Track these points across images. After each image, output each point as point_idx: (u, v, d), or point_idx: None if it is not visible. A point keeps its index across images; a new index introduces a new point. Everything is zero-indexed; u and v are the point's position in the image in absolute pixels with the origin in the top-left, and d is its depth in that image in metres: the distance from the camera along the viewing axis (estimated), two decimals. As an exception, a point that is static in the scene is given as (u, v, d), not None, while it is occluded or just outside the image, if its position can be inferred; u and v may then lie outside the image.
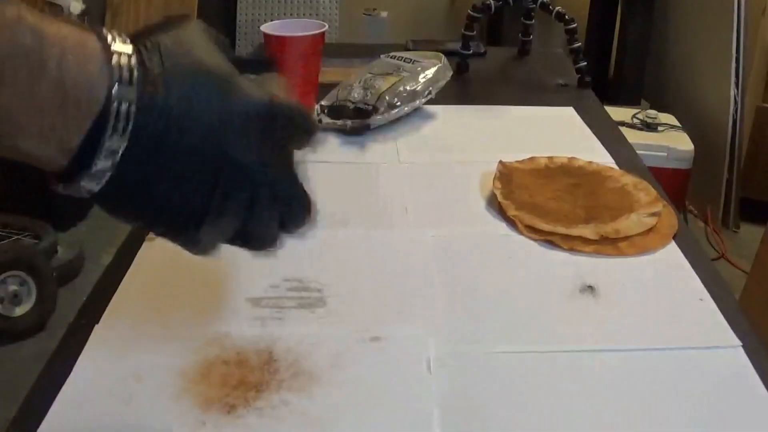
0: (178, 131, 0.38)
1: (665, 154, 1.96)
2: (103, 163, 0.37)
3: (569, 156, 0.91)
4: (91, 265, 2.08)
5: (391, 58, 1.09)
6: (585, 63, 1.23)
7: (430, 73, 1.05)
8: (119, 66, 0.37)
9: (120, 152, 0.37)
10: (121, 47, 0.37)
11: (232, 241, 0.44)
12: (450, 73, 1.08)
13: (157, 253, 0.70)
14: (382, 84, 1.01)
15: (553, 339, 0.61)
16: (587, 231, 0.74)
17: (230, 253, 0.46)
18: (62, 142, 0.36)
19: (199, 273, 0.67)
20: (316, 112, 1.02)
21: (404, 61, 1.07)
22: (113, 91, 0.36)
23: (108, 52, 0.37)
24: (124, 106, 0.37)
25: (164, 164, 0.38)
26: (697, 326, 0.63)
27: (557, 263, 0.71)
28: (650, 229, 0.76)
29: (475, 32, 1.26)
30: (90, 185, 0.38)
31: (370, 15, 2.74)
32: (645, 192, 0.82)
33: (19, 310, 1.80)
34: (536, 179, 0.86)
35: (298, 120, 0.44)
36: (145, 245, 0.71)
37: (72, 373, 0.55)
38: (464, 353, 0.59)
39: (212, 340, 0.59)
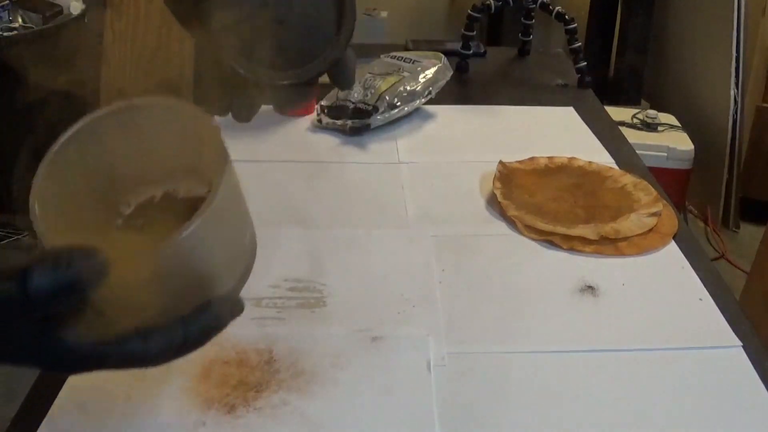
0: None
1: (665, 154, 1.96)
2: None
3: (569, 156, 0.91)
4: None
5: (391, 58, 1.09)
6: (585, 63, 1.23)
7: (430, 73, 1.05)
8: None
9: None
10: None
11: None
12: (450, 73, 1.08)
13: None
14: (382, 84, 1.01)
15: (554, 339, 0.61)
16: (587, 231, 0.74)
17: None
18: None
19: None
20: (316, 112, 1.02)
21: (404, 61, 1.07)
22: None
23: None
24: None
25: None
26: (697, 326, 0.63)
27: (557, 263, 0.71)
28: (650, 229, 0.76)
29: (475, 32, 1.26)
30: None
31: (369, 15, 2.74)
32: (645, 192, 0.82)
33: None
34: (536, 179, 0.86)
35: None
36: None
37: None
38: (464, 353, 0.59)
39: (212, 340, 0.59)
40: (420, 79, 1.03)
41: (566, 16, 1.21)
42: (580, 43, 1.23)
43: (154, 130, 0.46)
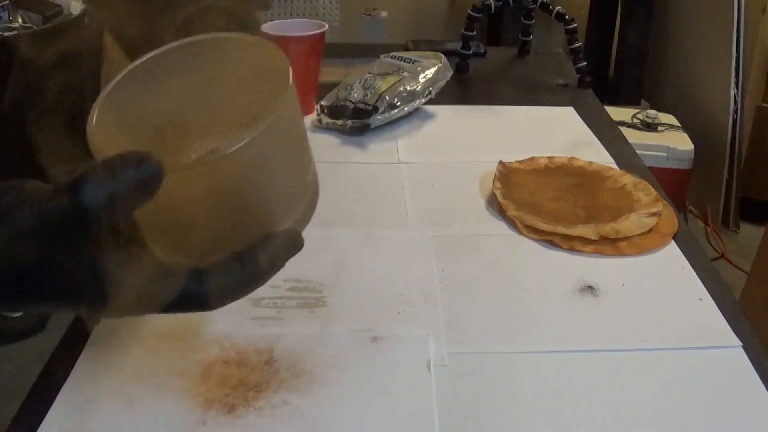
0: None
1: (665, 154, 1.96)
2: None
3: (569, 156, 0.91)
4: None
5: (391, 58, 1.09)
6: (585, 63, 1.23)
7: (430, 73, 1.05)
8: None
9: None
10: None
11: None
12: (450, 73, 1.08)
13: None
14: (382, 84, 1.01)
15: (553, 339, 0.61)
16: (587, 231, 0.74)
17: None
18: None
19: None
20: (316, 112, 1.02)
21: (404, 61, 1.07)
22: None
23: None
24: None
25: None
26: (697, 326, 0.63)
27: (557, 263, 0.71)
28: (650, 229, 0.76)
29: (475, 32, 1.26)
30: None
31: (370, 15, 2.74)
32: (645, 192, 0.82)
33: (19, 311, 1.79)
34: (536, 179, 0.86)
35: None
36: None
37: (72, 373, 0.55)
38: (464, 353, 0.59)
39: (212, 340, 0.59)
40: (420, 79, 1.03)
41: (566, 16, 1.21)
42: (580, 43, 1.23)
43: (220, 70, 0.43)
